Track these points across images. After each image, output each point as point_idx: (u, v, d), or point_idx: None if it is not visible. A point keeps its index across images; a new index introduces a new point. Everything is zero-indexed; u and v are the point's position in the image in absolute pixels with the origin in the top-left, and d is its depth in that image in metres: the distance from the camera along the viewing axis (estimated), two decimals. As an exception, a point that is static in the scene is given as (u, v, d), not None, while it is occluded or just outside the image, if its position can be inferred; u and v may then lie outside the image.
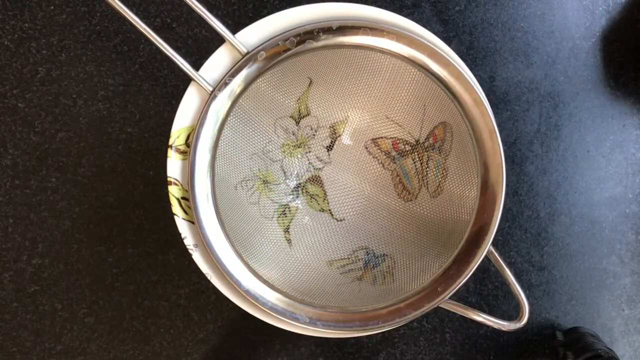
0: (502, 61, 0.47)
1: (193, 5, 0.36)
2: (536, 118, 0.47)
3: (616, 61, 0.47)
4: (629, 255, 0.47)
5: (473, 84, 0.38)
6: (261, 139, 0.42)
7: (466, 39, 0.46)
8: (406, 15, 0.38)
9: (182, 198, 0.38)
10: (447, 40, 0.39)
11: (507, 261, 0.47)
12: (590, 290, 0.47)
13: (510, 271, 0.38)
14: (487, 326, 0.38)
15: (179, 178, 0.38)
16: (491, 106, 0.39)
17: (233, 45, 0.37)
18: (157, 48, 0.36)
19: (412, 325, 0.47)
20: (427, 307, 0.38)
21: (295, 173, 0.44)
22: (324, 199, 0.44)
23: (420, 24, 0.38)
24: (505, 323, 0.38)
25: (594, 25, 0.47)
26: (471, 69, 0.39)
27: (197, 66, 0.37)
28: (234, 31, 0.37)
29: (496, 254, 0.38)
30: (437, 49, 0.37)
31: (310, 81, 0.41)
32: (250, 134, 0.41)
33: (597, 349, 0.44)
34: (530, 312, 0.38)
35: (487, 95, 0.39)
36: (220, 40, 0.37)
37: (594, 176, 0.47)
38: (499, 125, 0.39)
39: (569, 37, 0.47)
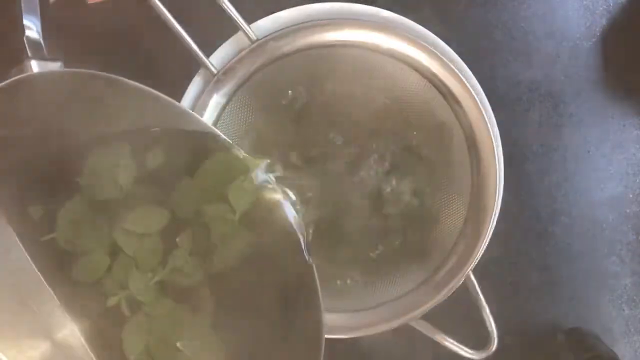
0: (502, 61, 0.47)
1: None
2: (536, 118, 0.47)
3: (617, 61, 0.47)
4: (629, 256, 0.47)
5: (469, 86, 0.38)
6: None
7: (466, 39, 0.46)
8: (406, 15, 0.38)
9: None
10: (447, 41, 0.39)
11: (507, 261, 0.47)
12: (591, 290, 0.47)
13: (485, 300, 0.38)
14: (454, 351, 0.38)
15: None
16: (491, 106, 0.39)
17: (244, 32, 0.37)
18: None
19: (401, 330, 0.47)
20: (393, 326, 0.38)
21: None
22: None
23: (420, 24, 0.38)
24: (471, 351, 0.38)
25: (594, 25, 0.47)
26: (471, 69, 0.39)
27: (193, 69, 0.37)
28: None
29: (474, 281, 0.38)
30: (436, 50, 0.37)
31: (304, 89, 0.41)
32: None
33: (597, 349, 0.44)
34: (499, 342, 0.38)
35: (487, 95, 0.39)
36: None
37: (594, 176, 0.47)
38: (498, 125, 0.39)
39: (570, 37, 0.47)
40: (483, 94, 0.39)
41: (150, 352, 0.30)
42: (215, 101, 0.37)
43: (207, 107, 0.37)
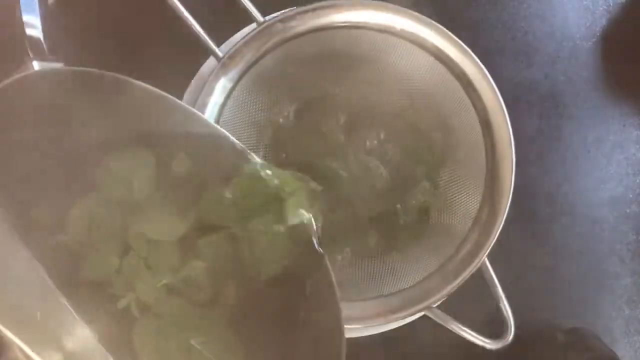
0: (502, 61, 0.47)
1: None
2: (536, 118, 0.47)
3: (616, 61, 0.47)
4: (629, 256, 0.47)
5: (484, 69, 0.38)
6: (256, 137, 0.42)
7: (466, 39, 0.46)
8: (406, 14, 0.38)
9: None
10: (447, 40, 0.39)
11: (507, 261, 0.47)
12: (591, 290, 0.47)
13: (501, 288, 0.37)
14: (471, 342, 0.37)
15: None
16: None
17: (250, 13, 0.36)
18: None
19: (413, 323, 0.47)
20: (409, 314, 0.37)
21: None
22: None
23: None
24: (488, 341, 0.37)
25: (594, 25, 0.47)
26: (471, 69, 0.39)
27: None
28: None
29: (490, 268, 0.37)
30: (464, 45, 0.38)
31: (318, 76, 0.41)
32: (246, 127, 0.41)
33: (597, 349, 0.43)
34: (517, 330, 0.37)
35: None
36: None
37: (594, 176, 0.47)
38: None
39: (570, 37, 0.47)
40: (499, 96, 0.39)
41: (162, 351, 0.30)
42: (221, 86, 0.37)
43: (213, 92, 0.36)
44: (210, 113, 0.36)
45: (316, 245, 0.31)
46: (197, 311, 0.31)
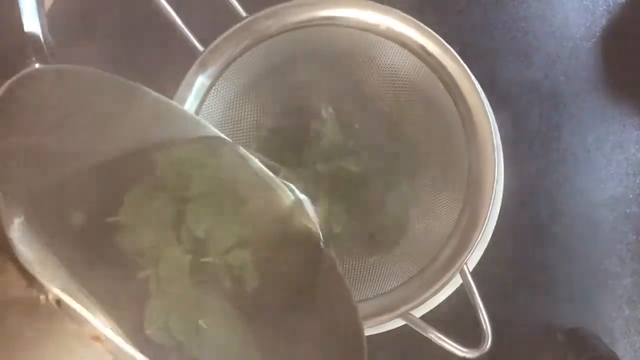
0: (502, 61, 0.47)
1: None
2: (536, 118, 0.47)
3: (616, 61, 0.47)
4: (629, 256, 0.47)
5: (467, 69, 0.37)
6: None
7: (466, 39, 0.46)
8: (406, 15, 0.38)
9: None
10: (446, 40, 0.39)
11: (507, 261, 0.47)
12: (591, 290, 0.47)
13: (479, 296, 0.35)
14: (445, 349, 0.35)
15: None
16: (491, 106, 0.39)
17: (234, 8, 0.36)
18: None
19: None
20: (384, 321, 0.36)
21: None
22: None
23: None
24: (465, 350, 0.34)
25: (594, 25, 0.47)
26: (471, 69, 0.39)
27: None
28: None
29: (469, 276, 0.35)
30: (448, 45, 0.37)
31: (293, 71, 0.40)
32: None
33: (598, 349, 0.43)
34: (493, 341, 0.35)
35: (487, 95, 0.39)
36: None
37: (594, 176, 0.47)
38: (498, 125, 0.39)
39: (570, 37, 0.47)
40: (484, 96, 0.38)
41: (170, 328, 0.30)
42: (200, 82, 0.36)
43: (192, 87, 0.36)
44: (188, 108, 0.36)
45: (324, 246, 0.31)
46: (212, 296, 0.31)
